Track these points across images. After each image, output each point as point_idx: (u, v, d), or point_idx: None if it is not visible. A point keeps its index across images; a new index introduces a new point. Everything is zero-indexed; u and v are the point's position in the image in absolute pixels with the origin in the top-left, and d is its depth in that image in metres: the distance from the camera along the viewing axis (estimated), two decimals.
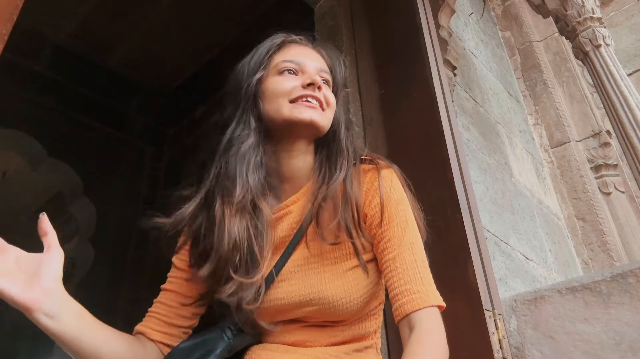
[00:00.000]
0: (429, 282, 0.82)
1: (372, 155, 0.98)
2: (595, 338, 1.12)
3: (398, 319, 0.81)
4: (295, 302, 0.86)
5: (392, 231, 0.86)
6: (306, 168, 0.95)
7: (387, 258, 0.84)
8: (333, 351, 0.86)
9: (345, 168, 0.91)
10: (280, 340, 0.89)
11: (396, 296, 0.81)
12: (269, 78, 0.94)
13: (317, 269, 0.88)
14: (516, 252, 1.97)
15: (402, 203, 0.90)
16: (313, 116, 0.89)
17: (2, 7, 0.67)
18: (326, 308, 0.85)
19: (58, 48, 3.61)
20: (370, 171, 0.93)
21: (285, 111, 0.89)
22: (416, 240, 0.87)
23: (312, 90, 0.91)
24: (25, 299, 0.68)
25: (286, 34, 1.00)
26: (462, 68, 2.31)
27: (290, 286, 0.88)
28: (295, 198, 0.93)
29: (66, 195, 3.76)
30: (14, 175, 4.77)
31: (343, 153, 0.93)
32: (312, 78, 0.91)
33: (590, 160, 2.75)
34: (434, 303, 0.80)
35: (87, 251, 3.57)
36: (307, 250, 0.90)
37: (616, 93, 1.96)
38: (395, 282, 0.82)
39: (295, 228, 0.91)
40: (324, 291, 0.85)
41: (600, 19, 2.13)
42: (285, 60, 0.94)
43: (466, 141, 2.04)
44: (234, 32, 3.42)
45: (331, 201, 0.88)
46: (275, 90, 0.92)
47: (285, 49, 0.97)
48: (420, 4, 1.75)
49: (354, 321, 0.89)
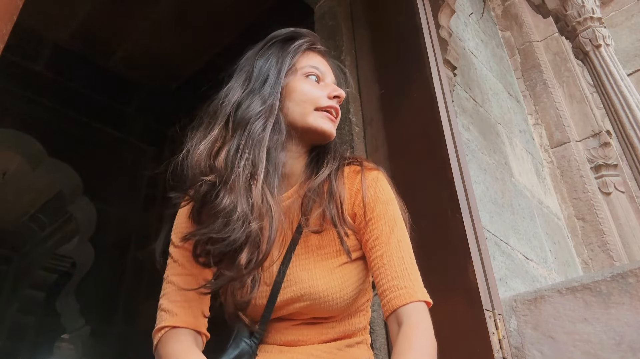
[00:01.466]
0: (416, 278, 0.84)
1: (358, 157, 1.02)
2: (595, 338, 1.12)
3: (386, 314, 0.82)
4: (286, 298, 0.88)
5: (379, 229, 0.88)
6: (301, 167, 0.98)
7: (375, 256, 0.86)
8: (326, 348, 0.88)
9: (331, 165, 0.95)
10: (273, 341, 0.91)
11: (384, 292, 0.83)
12: (296, 78, 0.97)
13: (307, 265, 0.90)
14: (516, 252, 1.97)
15: (391, 203, 0.92)
16: (332, 128, 0.95)
17: (2, 7, 0.67)
18: (317, 303, 0.87)
19: (58, 48, 3.61)
20: (358, 172, 0.96)
21: (311, 118, 0.93)
22: (404, 238, 0.89)
23: (337, 102, 0.96)
24: None
25: (311, 39, 1.03)
26: (462, 68, 2.31)
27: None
28: (289, 194, 0.95)
29: (66, 195, 3.76)
30: (14, 175, 4.78)
31: (330, 153, 0.98)
32: (338, 92, 0.96)
33: (590, 160, 2.75)
34: (421, 298, 0.82)
35: (87, 251, 3.57)
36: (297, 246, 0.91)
37: (616, 93, 1.96)
38: (383, 279, 0.84)
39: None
40: (314, 286, 0.87)
41: (600, 19, 2.13)
42: (312, 66, 0.98)
43: (466, 141, 2.04)
44: (234, 32, 3.42)
45: (316, 194, 0.91)
46: (303, 95, 0.94)
47: (310, 54, 1.01)
48: (420, 4, 1.75)
49: (343, 317, 0.91)
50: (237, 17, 3.35)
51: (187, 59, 3.75)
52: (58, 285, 5.07)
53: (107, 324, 3.42)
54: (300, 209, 0.91)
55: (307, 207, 0.91)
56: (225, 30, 3.44)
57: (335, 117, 0.96)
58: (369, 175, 0.94)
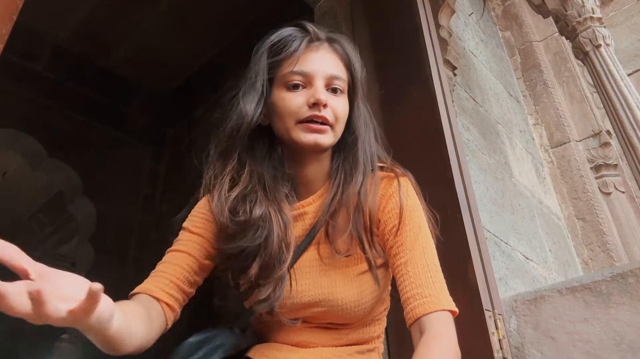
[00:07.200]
0: (441, 286, 0.82)
1: (389, 162, 0.97)
2: (595, 338, 1.12)
3: (409, 323, 0.80)
4: (304, 302, 0.87)
5: (404, 236, 0.86)
6: (322, 172, 0.95)
7: (399, 263, 0.84)
8: (336, 351, 0.87)
9: (361, 177, 0.90)
10: (285, 340, 0.90)
11: (407, 300, 0.81)
12: (277, 90, 0.92)
13: (327, 271, 0.89)
14: (516, 252, 1.97)
15: (417, 210, 0.90)
16: (317, 139, 0.87)
17: (2, 7, 0.67)
18: (334, 310, 0.86)
19: (58, 48, 3.60)
20: (386, 178, 0.93)
21: (294, 134, 0.88)
22: (428, 245, 0.87)
23: (318, 109, 0.87)
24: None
25: (300, 32, 0.95)
26: (462, 68, 2.31)
27: (300, 286, 0.88)
28: (311, 199, 0.93)
29: (66, 195, 3.76)
30: (14, 175, 4.77)
31: (359, 162, 0.92)
32: (315, 97, 0.87)
33: (590, 160, 2.75)
34: (446, 307, 0.79)
35: (87, 251, 3.57)
36: (317, 252, 0.90)
37: (616, 93, 1.96)
38: (406, 286, 0.81)
39: (308, 229, 0.92)
40: (334, 293, 0.86)
41: (600, 19, 2.13)
42: (293, 72, 0.90)
43: (466, 141, 2.03)
44: (234, 32, 3.42)
45: (344, 210, 0.88)
46: (283, 109, 0.90)
47: (300, 54, 0.92)
48: (420, 4, 1.75)
49: (359, 325, 0.90)
50: (237, 17, 3.35)
51: (187, 58, 3.75)
52: None
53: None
54: (326, 231, 0.89)
55: (333, 226, 0.89)
56: (225, 30, 3.43)
57: (322, 124, 0.88)
58: (395, 182, 0.91)
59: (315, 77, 0.90)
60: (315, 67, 0.91)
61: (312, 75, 0.90)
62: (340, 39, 0.99)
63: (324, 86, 0.90)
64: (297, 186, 0.95)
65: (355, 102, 0.97)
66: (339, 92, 0.92)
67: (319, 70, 0.91)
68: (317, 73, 0.90)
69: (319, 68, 0.91)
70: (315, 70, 0.90)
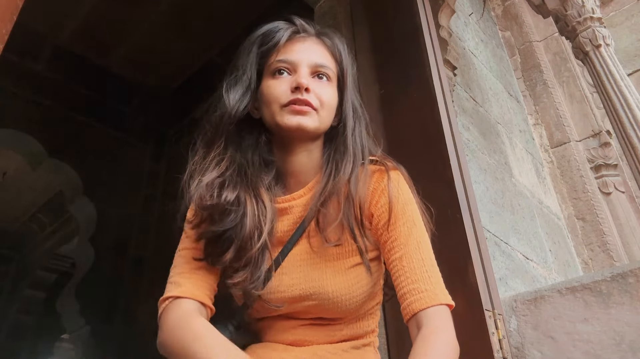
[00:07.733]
0: (437, 281, 0.82)
1: (380, 156, 0.96)
2: (595, 338, 1.12)
3: (406, 318, 0.80)
4: (295, 296, 0.87)
5: (398, 231, 0.86)
6: (312, 163, 0.94)
7: (394, 258, 0.84)
8: (331, 348, 0.87)
9: (350, 167, 0.90)
10: (279, 339, 0.90)
11: (404, 296, 0.81)
12: (265, 80, 0.93)
13: (318, 264, 0.88)
14: (516, 252, 1.97)
15: (410, 203, 0.90)
16: (301, 121, 0.87)
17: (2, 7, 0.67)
18: (325, 303, 0.86)
19: (58, 48, 3.61)
20: (377, 172, 0.93)
21: (278, 118, 0.89)
22: (423, 239, 0.86)
23: (300, 93, 0.87)
24: None
25: (287, 25, 0.97)
26: (462, 68, 2.31)
27: (291, 279, 0.88)
28: (302, 192, 0.93)
29: (66, 195, 3.76)
30: (14, 175, 4.78)
31: (349, 151, 0.92)
32: (297, 81, 0.88)
33: (590, 160, 2.75)
34: (442, 301, 0.79)
35: (87, 251, 3.57)
36: (308, 245, 0.90)
37: (616, 93, 1.96)
38: (402, 281, 0.81)
39: (298, 222, 0.91)
40: (325, 286, 0.86)
41: (600, 19, 2.13)
42: (278, 60, 0.92)
43: (466, 141, 2.03)
44: (234, 32, 3.42)
45: (335, 200, 0.88)
46: (269, 96, 0.91)
47: (286, 45, 0.94)
48: (420, 4, 1.75)
49: (351, 319, 0.90)
50: (237, 17, 3.35)
51: (187, 58, 3.75)
52: (58, 285, 5.07)
53: (107, 324, 3.42)
54: (317, 221, 0.88)
55: (324, 216, 0.88)
56: (225, 30, 3.44)
57: (305, 106, 0.88)
58: (389, 176, 0.91)
59: (300, 65, 0.91)
60: (300, 56, 0.92)
61: (297, 62, 0.91)
62: (329, 33, 1.00)
63: (309, 74, 0.91)
64: (287, 178, 0.95)
65: (345, 93, 0.97)
66: (325, 79, 0.93)
67: (304, 58, 0.92)
68: (301, 61, 0.92)
69: (304, 56, 0.92)
70: (299, 58, 0.92)
